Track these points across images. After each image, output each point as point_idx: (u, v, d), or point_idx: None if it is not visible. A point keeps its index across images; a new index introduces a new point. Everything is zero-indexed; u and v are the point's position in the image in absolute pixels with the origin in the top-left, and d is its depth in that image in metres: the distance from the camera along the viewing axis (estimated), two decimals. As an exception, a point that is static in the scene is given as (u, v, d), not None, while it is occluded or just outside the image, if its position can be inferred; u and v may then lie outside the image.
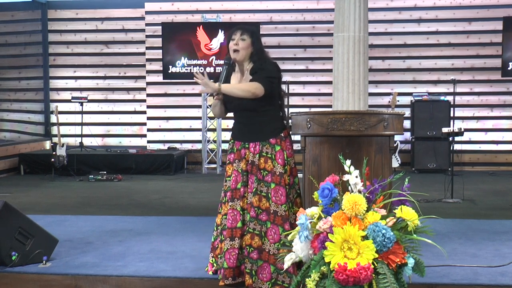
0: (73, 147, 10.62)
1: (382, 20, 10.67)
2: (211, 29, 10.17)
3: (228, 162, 3.74)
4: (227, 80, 3.71)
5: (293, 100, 10.12)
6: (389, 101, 9.59)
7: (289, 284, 3.45)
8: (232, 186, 3.62)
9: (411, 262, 2.70)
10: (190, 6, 11.06)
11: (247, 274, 3.55)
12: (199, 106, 10.84)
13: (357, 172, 2.89)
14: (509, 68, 9.67)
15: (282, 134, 3.68)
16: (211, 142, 10.77)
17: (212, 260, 3.77)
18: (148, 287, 3.85)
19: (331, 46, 5.56)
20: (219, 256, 3.63)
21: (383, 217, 2.77)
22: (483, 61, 10.59)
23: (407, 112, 10.02)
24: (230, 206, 3.59)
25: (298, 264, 3.10)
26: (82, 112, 10.73)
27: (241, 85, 3.63)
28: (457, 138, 8.74)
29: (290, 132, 3.79)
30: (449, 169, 8.35)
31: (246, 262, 3.55)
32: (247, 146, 3.65)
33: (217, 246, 3.73)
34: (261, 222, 3.55)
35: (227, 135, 10.72)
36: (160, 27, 10.39)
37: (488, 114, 10.66)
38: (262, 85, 3.54)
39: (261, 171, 3.60)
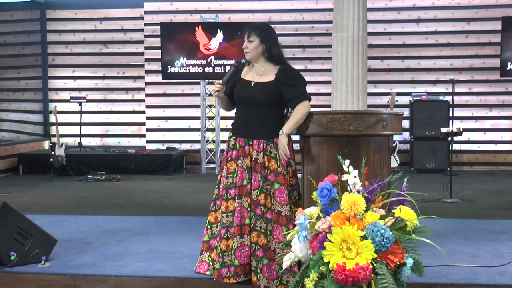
0: (72, 147, 10.61)
1: (381, 20, 10.67)
2: (210, 29, 10.15)
3: (229, 159, 3.71)
4: (230, 80, 3.78)
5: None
6: (388, 101, 9.58)
7: None
8: (238, 183, 3.62)
9: (410, 262, 2.70)
10: (189, 6, 11.06)
11: (253, 271, 3.56)
12: (198, 106, 10.84)
13: (356, 172, 2.89)
14: (508, 68, 9.66)
15: None
16: (210, 142, 10.76)
17: (208, 259, 3.76)
18: (147, 287, 3.85)
19: (330, 46, 5.56)
20: (225, 253, 3.61)
21: (382, 217, 2.77)
22: (482, 61, 10.59)
23: (406, 112, 10.03)
24: (238, 203, 3.59)
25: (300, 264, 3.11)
26: (81, 112, 10.73)
27: (296, 116, 3.60)
28: (456, 138, 8.73)
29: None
30: (448, 169, 8.35)
31: (251, 259, 3.56)
32: (250, 143, 3.66)
33: (214, 245, 3.71)
34: (266, 220, 3.58)
35: (226, 135, 10.70)
36: (159, 27, 10.38)
37: (487, 114, 10.66)
38: (307, 101, 3.63)
39: (265, 169, 3.62)
